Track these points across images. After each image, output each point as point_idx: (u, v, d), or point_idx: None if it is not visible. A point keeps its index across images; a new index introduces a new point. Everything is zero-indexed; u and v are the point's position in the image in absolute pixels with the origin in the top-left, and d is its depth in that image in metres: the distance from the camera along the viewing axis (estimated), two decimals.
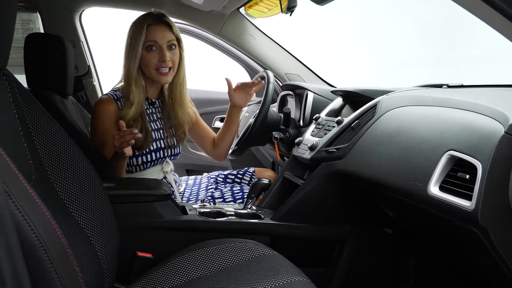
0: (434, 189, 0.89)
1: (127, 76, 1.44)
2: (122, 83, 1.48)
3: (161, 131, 1.57)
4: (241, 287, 1.01)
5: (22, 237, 0.58)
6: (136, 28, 1.43)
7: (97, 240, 1.04)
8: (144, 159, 1.51)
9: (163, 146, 1.55)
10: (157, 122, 1.57)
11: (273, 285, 1.00)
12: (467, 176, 0.83)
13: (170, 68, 1.45)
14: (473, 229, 0.80)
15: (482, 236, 0.79)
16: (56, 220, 0.69)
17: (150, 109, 1.56)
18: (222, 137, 1.72)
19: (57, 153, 1.04)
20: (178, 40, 1.49)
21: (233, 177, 1.86)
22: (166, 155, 1.58)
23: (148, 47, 1.42)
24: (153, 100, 1.57)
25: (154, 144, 1.52)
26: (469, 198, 0.81)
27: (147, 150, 1.50)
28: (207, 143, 1.76)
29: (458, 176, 0.85)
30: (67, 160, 1.06)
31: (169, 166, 1.62)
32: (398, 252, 1.47)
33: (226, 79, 1.64)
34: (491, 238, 0.78)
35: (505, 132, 0.77)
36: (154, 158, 1.53)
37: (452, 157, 0.88)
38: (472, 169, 0.82)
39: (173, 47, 1.46)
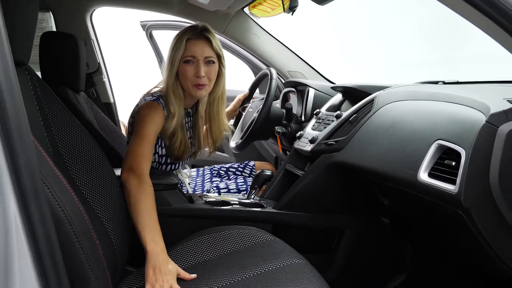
0: (423, 175, 0.96)
1: (167, 87, 1.43)
2: (160, 88, 1.48)
3: (190, 140, 1.58)
4: (244, 268, 1.08)
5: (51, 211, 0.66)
6: (177, 41, 1.41)
7: (110, 225, 1.11)
8: (173, 167, 1.55)
9: (189, 154, 1.59)
10: (189, 132, 1.58)
11: (274, 267, 1.07)
12: (453, 163, 0.90)
13: (205, 85, 1.43)
14: (458, 211, 0.87)
15: (465, 217, 0.86)
16: None
17: (185, 119, 1.55)
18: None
19: (73, 142, 1.11)
20: (219, 57, 1.45)
21: (234, 170, 1.94)
22: (186, 162, 1.65)
23: (186, 61, 1.40)
24: (188, 110, 1.58)
25: None
26: (454, 182, 0.88)
27: None
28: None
29: (445, 163, 0.92)
30: (82, 149, 1.13)
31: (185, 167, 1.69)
32: (395, 241, 1.54)
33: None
34: (474, 219, 0.85)
35: (486, 121, 0.84)
36: (179, 166, 1.59)
37: (441, 146, 0.95)
38: (458, 156, 0.89)
39: (211, 63, 1.43)
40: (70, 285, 0.61)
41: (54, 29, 2.29)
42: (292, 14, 1.75)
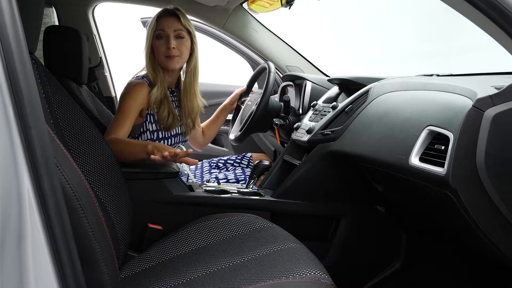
0: (414, 160, 1.01)
1: (146, 62, 1.57)
2: (145, 71, 1.59)
3: (179, 117, 1.67)
4: (243, 252, 1.12)
5: None
6: (151, 21, 1.56)
7: (112, 210, 1.15)
8: (166, 143, 1.61)
9: (179, 132, 1.67)
10: (176, 110, 1.66)
11: (271, 250, 1.11)
12: (443, 147, 0.94)
13: (176, 56, 1.54)
14: (446, 192, 0.92)
15: (454, 198, 0.91)
16: None
17: (170, 97, 1.65)
18: (212, 129, 1.97)
19: (77, 131, 1.15)
20: (189, 33, 1.58)
21: (232, 161, 1.99)
22: (179, 140, 1.70)
23: (157, 36, 1.54)
24: (172, 89, 1.67)
25: (175, 129, 1.64)
26: (443, 165, 0.92)
27: (169, 134, 1.61)
28: (198, 133, 1.93)
29: (435, 148, 0.97)
30: (86, 137, 1.17)
31: (181, 149, 1.74)
32: (390, 229, 1.58)
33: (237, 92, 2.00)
34: (461, 199, 0.89)
35: (472, 105, 0.88)
36: (172, 142, 1.64)
37: (431, 132, 1.00)
38: (447, 140, 0.93)
39: (181, 37, 1.55)
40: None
41: (56, 24, 2.33)
42: (289, 8, 1.79)
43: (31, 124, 0.61)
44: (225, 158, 2.03)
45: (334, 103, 1.53)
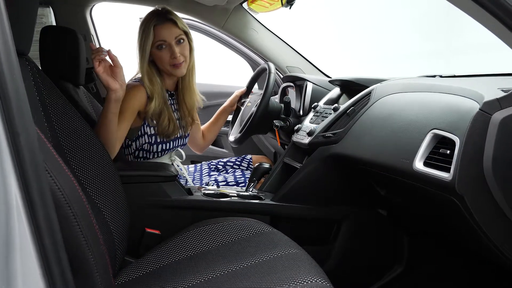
0: (419, 164, 0.98)
1: (142, 72, 1.51)
2: (139, 75, 1.55)
3: (178, 121, 1.63)
4: (242, 258, 1.09)
5: None
6: (144, 29, 1.49)
7: (109, 216, 1.12)
8: (164, 147, 1.58)
9: (179, 136, 1.63)
10: (175, 113, 1.63)
11: (271, 256, 1.08)
12: (448, 152, 0.91)
13: (183, 62, 1.52)
14: (451, 197, 0.89)
15: (459, 203, 0.88)
16: None
17: (170, 100, 1.61)
18: (212, 131, 1.94)
19: (73, 134, 1.12)
20: (186, 33, 1.55)
21: (231, 164, 1.96)
22: (179, 144, 1.67)
23: (158, 46, 1.49)
24: (172, 92, 1.64)
25: None
26: (448, 170, 0.89)
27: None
28: (198, 136, 1.90)
29: (441, 152, 0.94)
30: (82, 140, 1.14)
31: (180, 153, 1.71)
32: (392, 232, 1.55)
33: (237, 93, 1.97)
34: (467, 204, 0.86)
35: (479, 109, 0.85)
36: (171, 146, 1.61)
37: (436, 135, 0.97)
38: (453, 145, 0.90)
39: (182, 41, 1.52)
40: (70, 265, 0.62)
41: (54, 24, 2.30)
42: (290, 8, 1.76)
43: (19, 130, 0.58)
44: (225, 160, 2.01)
45: (336, 104, 1.51)
